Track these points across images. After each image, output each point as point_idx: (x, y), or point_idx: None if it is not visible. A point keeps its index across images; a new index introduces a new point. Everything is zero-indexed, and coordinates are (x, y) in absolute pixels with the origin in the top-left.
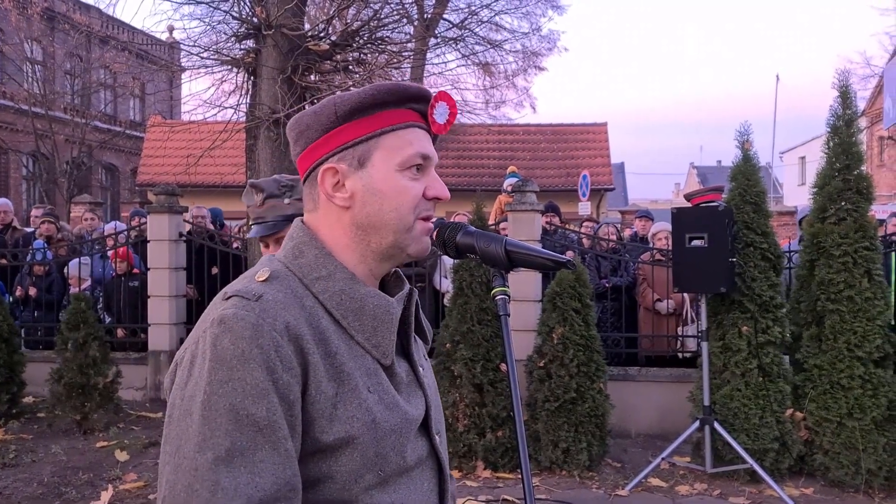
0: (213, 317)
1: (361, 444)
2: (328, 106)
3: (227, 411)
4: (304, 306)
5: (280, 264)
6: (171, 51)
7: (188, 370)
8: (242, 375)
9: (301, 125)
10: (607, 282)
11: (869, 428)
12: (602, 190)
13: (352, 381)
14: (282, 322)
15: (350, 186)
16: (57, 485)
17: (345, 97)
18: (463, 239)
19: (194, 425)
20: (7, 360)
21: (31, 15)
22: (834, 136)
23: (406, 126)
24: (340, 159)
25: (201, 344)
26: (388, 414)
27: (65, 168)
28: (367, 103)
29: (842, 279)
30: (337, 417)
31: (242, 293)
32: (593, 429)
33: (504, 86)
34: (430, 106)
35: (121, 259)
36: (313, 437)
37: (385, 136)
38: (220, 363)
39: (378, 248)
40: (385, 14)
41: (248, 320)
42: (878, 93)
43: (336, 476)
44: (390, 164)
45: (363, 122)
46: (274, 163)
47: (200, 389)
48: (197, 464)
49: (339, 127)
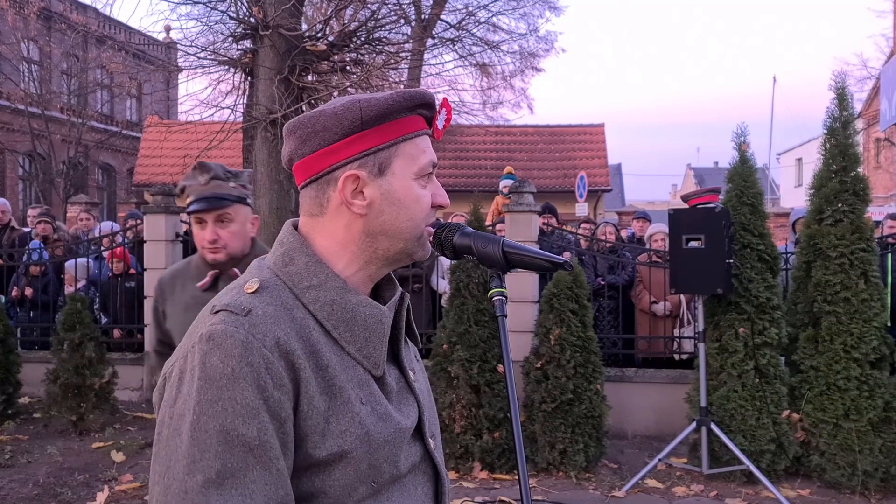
0: (201, 332)
1: (355, 458)
2: (352, 109)
3: (216, 432)
4: (295, 318)
5: (270, 272)
6: (168, 51)
7: (177, 387)
8: (232, 395)
9: (316, 125)
10: (602, 279)
11: (865, 429)
12: (599, 191)
13: (344, 395)
14: (272, 338)
15: (369, 194)
16: (53, 485)
17: (371, 101)
18: (460, 240)
19: (183, 446)
20: (3, 361)
21: (27, 14)
22: (830, 138)
23: (420, 133)
24: (361, 166)
25: (189, 360)
26: (381, 425)
27: (61, 168)
28: (393, 108)
29: (838, 281)
30: (329, 432)
31: (231, 307)
32: (590, 430)
33: (501, 87)
34: (437, 112)
35: (117, 259)
36: (306, 453)
37: (405, 143)
38: (209, 382)
39: (385, 254)
40: (382, 15)
41: (237, 337)
42: (874, 95)
43: (329, 491)
44: (408, 172)
45: (385, 129)
46: (271, 163)
47: (189, 409)
48: (187, 486)
49: (362, 131)
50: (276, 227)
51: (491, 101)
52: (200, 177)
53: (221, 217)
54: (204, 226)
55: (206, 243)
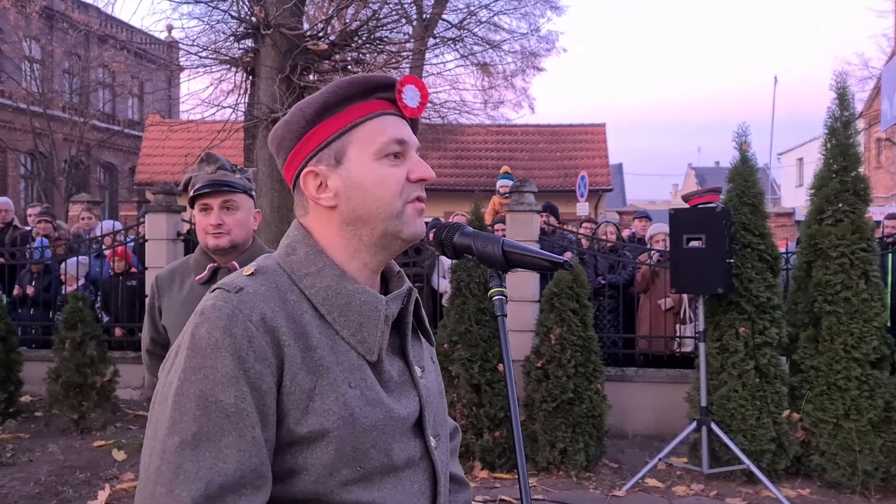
0: (198, 308)
1: (337, 438)
2: (296, 112)
3: (196, 397)
4: (287, 300)
5: (272, 261)
6: (169, 50)
7: (173, 359)
8: (213, 363)
9: (276, 138)
10: (603, 279)
11: (865, 429)
12: (600, 191)
13: (330, 375)
14: (258, 313)
15: (332, 185)
16: (54, 484)
17: (310, 100)
18: (460, 239)
19: (167, 410)
20: (4, 359)
21: (29, 13)
22: (831, 138)
23: (376, 115)
24: (318, 161)
25: (185, 335)
26: (369, 410)
27: (63, 167)
28: (332, 101)
29: (839, 281)
30: (312, 410)
31: (225, 286)
32: (590, 429)
33: (502, 86)
34: (398, 91)
35: (118, 258)
36: (288, 429)
37: (356, 129)
38: (195, 351)
39: (370, 240)
40: (384, 14)
41: (223, 311)
42: (875, 94)
43: (310, 468)
44: (365, 154)
45: (333, 121)
46: (272, 162)
47: (176, 376)
48: (165, 446)
49: (310, 130)
50: (277, 225)
51: (492, 100)
52: (207, 167)
53: (227, 203)
54: (208, 213)
55: (210, 227)
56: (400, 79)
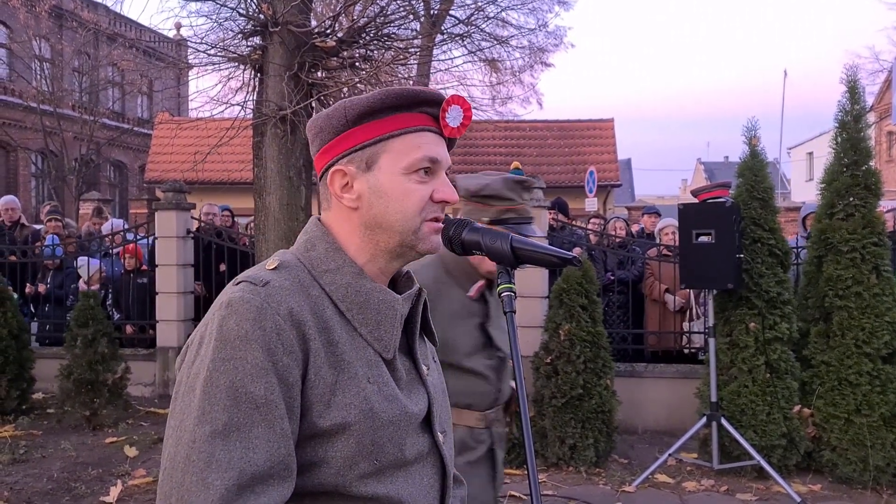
0: (222, 300)
1: (357, 432)
2: (339, 109)
3: (226, 388)
4: (310, 295)
5: (292, 256)
6: (178, 48)
7: (196, 350)
8: (244, 355)
9: (315, 127)
10: (612, 275)
11: (877, 424)
12: (609, 186)
13: (351, 370)
14: (286, 307)
15: (357, 188)
16: (66, 480)
17: (355, 101)
18: (469, 236)
19: (196, 400)
20: (17, 357)
21: (39, 13)
22: (842, 132)
23: (416, 130)
24: (349, 161)
25: (210, 326)
26: (387, 405)
27: (73, 165)
28: (376, 107)
29: (850, 275)
30: (335, 403)
31: (251, 279)
32: (600, 425)
33: (510, 82)
34: (442, 110)
35: (129, 255)
36: (310, 422)
37: (394, 139)
38: (224, 343)
39: (387, 247)
40: (391, 11)
41: (252, 303)
42: (886, 88)
43: (331, 461)
44: (396, 167)
45: (372, 126)
46: (281, 159)
47: (204, 367)
48: (195, 436)
49: (349, 130)
50: (286, 223)
51: (500, 96)
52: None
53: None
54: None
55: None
56: (448, 97)
